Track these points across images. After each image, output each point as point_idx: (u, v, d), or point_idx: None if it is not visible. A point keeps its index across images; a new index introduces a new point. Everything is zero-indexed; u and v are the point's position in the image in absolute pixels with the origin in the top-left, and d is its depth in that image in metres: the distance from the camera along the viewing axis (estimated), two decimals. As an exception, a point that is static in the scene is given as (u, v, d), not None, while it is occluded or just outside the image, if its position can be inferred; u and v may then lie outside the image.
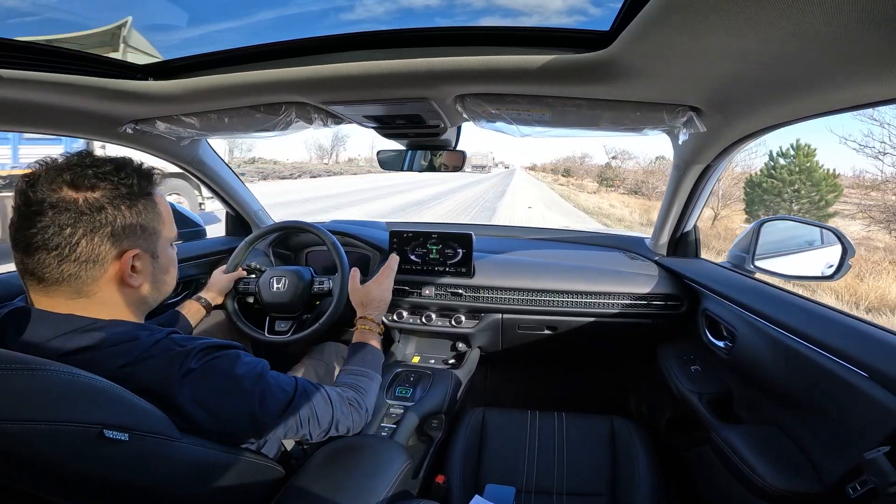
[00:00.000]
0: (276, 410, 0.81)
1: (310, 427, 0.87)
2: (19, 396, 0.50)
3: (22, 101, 1.02)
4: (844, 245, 1.17)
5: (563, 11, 41.19)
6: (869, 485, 0.78)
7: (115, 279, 0.72)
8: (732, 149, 1.17)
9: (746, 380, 1.24)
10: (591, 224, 14.71)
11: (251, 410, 0.77)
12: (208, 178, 1.76)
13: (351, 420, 0.97)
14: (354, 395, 1.01)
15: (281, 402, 0.82)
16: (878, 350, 0.84)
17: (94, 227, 0.67)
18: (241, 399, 0.76)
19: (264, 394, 0.79)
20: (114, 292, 0.72)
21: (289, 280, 1.54)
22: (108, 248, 0.69)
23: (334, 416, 0.92)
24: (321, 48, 0.86)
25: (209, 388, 0.72)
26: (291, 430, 0.85)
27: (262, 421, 0.79)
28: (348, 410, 0.97)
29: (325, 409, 0.91)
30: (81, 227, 0.66)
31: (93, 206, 0.67)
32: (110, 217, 0.69)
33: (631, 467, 1.28)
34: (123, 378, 0.63)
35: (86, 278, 0.69)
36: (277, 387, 0.83)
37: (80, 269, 0.68)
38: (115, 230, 0.69)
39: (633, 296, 1.58)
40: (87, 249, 0.67)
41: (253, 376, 0.79)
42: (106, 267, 0.70)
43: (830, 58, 0.62)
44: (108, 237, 0.69)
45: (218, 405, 0.73)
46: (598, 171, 46.67)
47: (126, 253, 0.71)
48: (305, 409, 0.86)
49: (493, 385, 2.17)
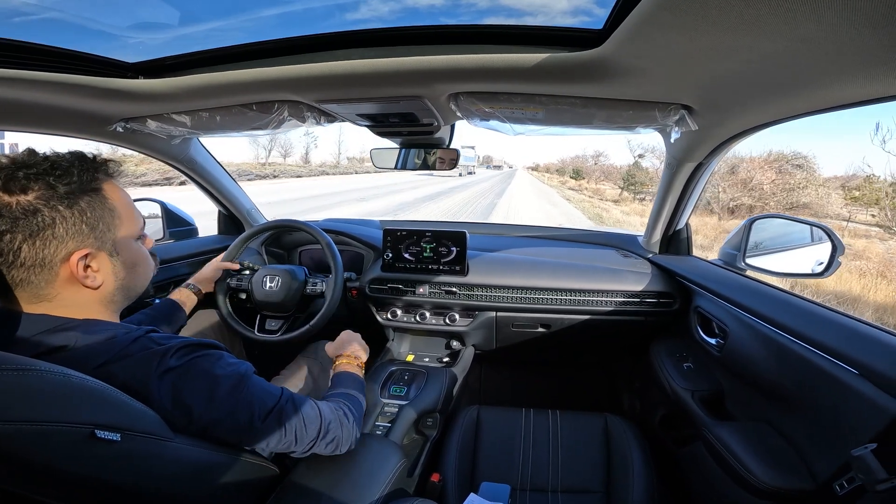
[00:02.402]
0: (260, 415, 0.77)
1: (296, 435, 0.82)
2: (9, 397, 0.49)
3: (9, 99, 1.00)
4: (834, 242, 1.18)
5: (567, 12, 40.92)
6: (856, 482, 0.79)
7: (70, 281, 0.69)
8: (724, 147, 1.18)
9: (738, 377, 1.25)
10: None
11: (231, 413, 0.73)
12: (200, 177, 1.75)
13: (341, 432, 0.91)
14: (346, 411, 0.96)
15: (265, 406, 0.78)
16: (868, 347, 0.85)
17: (33, 231, 0.64)
18: (221, 401, 0.72)
19: (246, 397, 0.75)
20: (74, 293, 0.70)
21: (282, 279, 1.54)
22: (52, 251, 0.65)
23: (322, 426, 0.87)
24: (314, 46, 0.85)
25: (188, 387, 0.70)
26: (275, 439, 0.79)
27: (244, 426, 0.75)
28: (338, 423, 0.91)
29: (313, 418, 0.85)
30: (20, 233, 0.63)
31: (26, 209, 0.63)
32: (47, 219, 0.65)
33: (624, 464, 1.29)
34: (102, 377, 0.62)
35: (38, 282, 0.66)
36: (261, 391, 0.79)
37: (29, 274, 0.65)
38: (56, 232, 0.65)
39: (626, 293, 1.59)
40: (30, 254, 0.64)
41: (234, 378, 0.75)
42: (56, 270, 0.67)
43: (821, 56, 0.63)
44: (51, 240, 0.65)
45: (196, 406, 0.70)
46: (622, 173, 35.79)
47: (73, 255, 0.67)
48: (292, 417, 0.81)
49: (487, 383, 2.18)
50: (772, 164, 20.80)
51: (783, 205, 19.14)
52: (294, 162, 50.54)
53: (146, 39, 1.21)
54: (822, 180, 21.44)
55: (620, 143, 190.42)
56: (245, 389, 0.76)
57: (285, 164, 44.98)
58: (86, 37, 0.99)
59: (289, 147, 51.85)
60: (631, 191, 28.90)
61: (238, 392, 0.74)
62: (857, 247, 13.07)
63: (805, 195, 19.68)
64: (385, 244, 1.69)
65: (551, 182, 49.22)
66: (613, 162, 64.85)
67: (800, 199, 19.64)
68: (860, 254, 12.03)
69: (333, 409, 0.93)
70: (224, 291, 1.56)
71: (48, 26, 1.05)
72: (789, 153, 21.54)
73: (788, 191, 19.83)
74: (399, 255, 1.68)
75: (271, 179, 27.52)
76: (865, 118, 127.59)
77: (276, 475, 0.91)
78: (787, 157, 21.27)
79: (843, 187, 23.58)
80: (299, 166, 42.51)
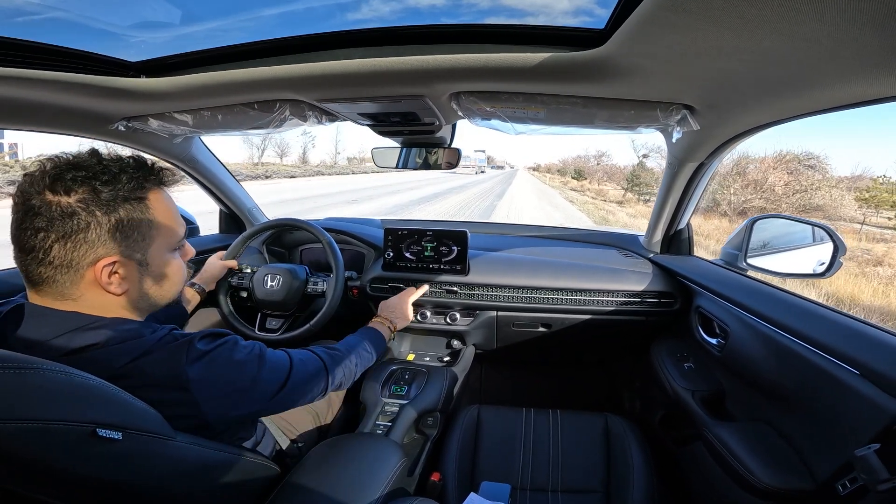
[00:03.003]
0: (280, 384, 0.85)
1: (308, 388, 0.94)
2: (10, 395, 0.49)
3: (12, 98, 1.00)
4: (836, 243, 1.18)
5: (569, 12, 40.64)
6: (859, 482, 0.79)
7: (94, 284, 0.69)
8: (726, 147, 1.18)
9: (739, 377, 1.25)
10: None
11: (258, 391, 0.80)
12: (201, 176, 1.75)
13: (343, 375, 1.06)
14: (345, 356, 1.09)
15: (283, 375, 0.87)
16: (869, 347, 0.85)
17: (66, 233, 0.65)
18: (246, 384, 0.78)
19: (267, 374, 0.83)
20: (98, 296, 0.70)
21: (283, 279, 1.54)
22: (81, 254, 0.66)
23: (328, 376, 1.00)
24: (316, 45, 0.85)
25: (216, 374, 0.74)
26: (295, 399, 0.90)
27: (269, 397, 0.83)
28: (339, 368, 1.05)
29: (316, 370, 0.98)
30: (53, 233, 0.64)
31: (65, 211, 0.65)
32: (83, 223, 0.66)
33: (625, 464, 1.29)
34: (129, 374, 0.64)
35: (64, 282, 0.67)
36: (277, 363, 0.87)
37: (55, 273, 0.66)
38: (88, 237, 0.66)
39: (627, 293, 1.59)
40: (60, 254, 0.65)
41: (253, 360, 0.81)
42: (82, 272, 0.68)
43: (824, 56, 0.62)
44: (82, 243, 0.66)
45: (224, 390, 0.75)
46: (626, 174, 35.47)
47: (100, 261, 0.68)
48: (303, 376, 0.92)
49: (488, 382, 2.18)
50: (787, 164, 20.61)
51: (796, 207, 18.97)
52: (291, 162, 50.05)
53: (148, 38, 1.22)
54: (835, 181, 21.28)
55: (623, 144, 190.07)
56: (266, 367, 0.83)
57: (281, 164, 44.25)
58: (88, 36, 1.00)
59: (285, 147, 51.62)
60: (635, 192, 28.23)
61: (258, 372, 0.81)
62: (876, 252, 12.81)
63: (818, 197, 19.53)
64: (386, 243, 1.69)
65: (553, 183, 47.97)
66: (616, 162, 64.53)
67: (812, 200, 19.48)
68: (881, 259, 11.83)
69: (335, 356, 1.06)
70: (225, 290, 1.56)
71: (50, 25, 1.05)
72: (801, 153, 21.33)
73: (801, 192, 19.67)
74: (400, 254, 1.68)
75: (263, 180, 26.67)
76: (868, 118, 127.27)
77: (277, 474, 0.91)
78: (798, 158, 21.09)
79: (852, 188, 23.47)
80: (295, 166, 41.88)
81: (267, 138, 41.11)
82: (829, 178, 21.07)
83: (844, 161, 67.68)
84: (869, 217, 20.89)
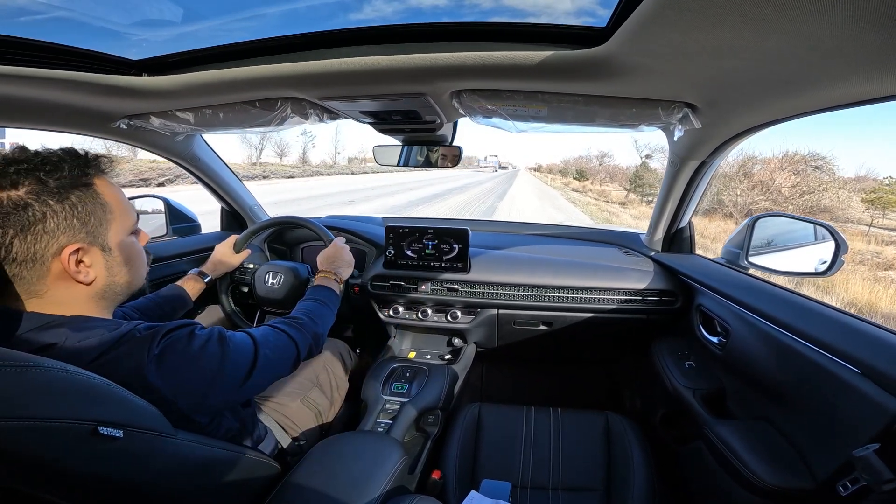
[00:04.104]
0: (247, 369, 0.82)
1: (277, 369, 0.92)
2: (11, 394, 0.49)
3: (13, 96, 1.01)
4: (837, 241, 1.18)
5: (571, 13, 40.47)
6: (860, 482, 0.79)
7: (62, 277, 0.69)
8: (728, 145, 1.18)
9: (740, 375, 1.25)
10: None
11: (223, 378, 0.77)
12: (203, 174, 1.76)
13: (312, 341, 1.03)
14: (307, 321, 1.06)
15: (248, 360, 0.83)
16: (870, 346, 0.85)
17: (23, 226, 0.65)
18: (210, 373, 0.75)
19: (230, 360, 0.79)
20: (66, 290, 0.70)
21: (284, 277, 1.54)
22: (43, 245, 0.66)
23: (298, 349, 0.97)
24: (317, 43, 0.85)
25: (177, 367, 0.71)
26: (266, 382, 0.88)
27: (237, 384, 0.80)
28: (301, 336, 1.00)
29: (285, 345, 0.95)
30: (10, 228, 0.64)
31: (17, 204, 0.64)
32: (38, 214, 0.65)
33: (625, 462, 1.29)
34: (96, 373, 0.62)
35: (30, 278, 0.67)
36: (240, 346, 0.83)
37: (20, 269, 0.66)
38: (46, 227, 0.66)
39: (628, 291, 1.59)
40: (21, 249, 0.65)
41: (213, 347, 0.77)
42: (47, 265, 0.67)
43: (826, 55, 0.62)
44: (42, 234, 0.66)
45: (190, 382, 0.73)
46: (628, 174, 35.84)
47: (64, 249, 0.68)
48: (271, 357, 0.88)
49: (488, 381, 2.18)
50: (794, 165, 20.49)
51: (803, 209, 18.88)
52: (290, 162, 49.76)
53: (150, 37, 1.22)
54: (842, 182, 21.14)
55: (625, 144, 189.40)
56: (229, 352, 0.79)
57: (279, 164, 43.83)
58: (90, 34, 1.00)
59: (285, 147, 51.49)
60: (638, 192, 27.98)
61: (225, 358, 0.78)
62: (887, 255, 12.73)
63: (826, 198, 19.41)
64: (387, 241, 1.69)
65: (554, 184, 47.73)
66: (618, 163, 63.93)
67: (820, 202, 19.37)
68: (892, 263, 11.73)
69: (295, 325, 1.02)
70: (227, 287, 1.56)
71: (53, 24, 1.06)
72: (807, 154, 21.18)
73: (808, 194, 19.56)
74: (401, 252, 1.68)
75: (260, 181, 26.10)
76: (872, 117, 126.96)
77: (278, 472, 0.92)
78: (805, 158, 20.97)
79: (857, 190, 23.33)
80: (294, 166, 41.53)
81: (265, 138, 40.92)
82: (837, 180, 20.95)
83: (848, 162, 67.37)
84: (877, 219, 20.80)
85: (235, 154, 48.83)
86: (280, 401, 1.27)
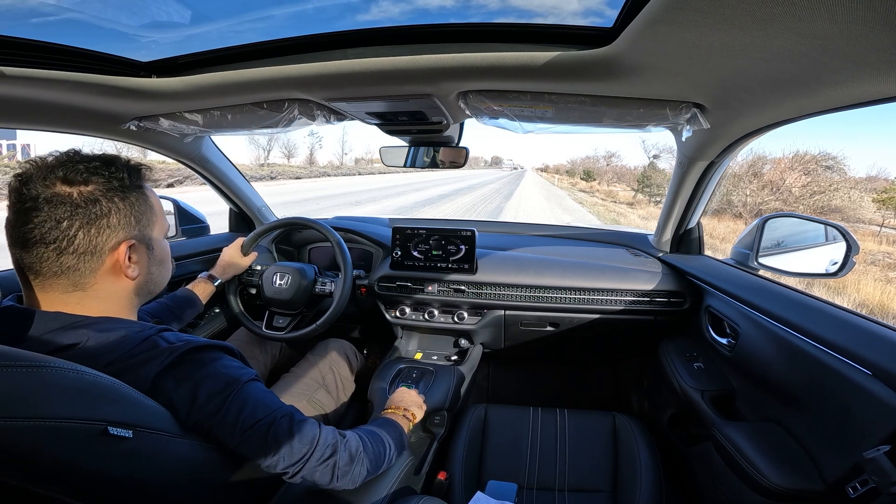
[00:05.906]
0: (247, 422, 0.73)
1: (284, 452, 0.76)
2: (23, 394, 0.50)
3: (25, 98, 1.02)
4: (849, 242, 1.16)
5: (578, 13, 40.08)
6: (870, 484, 0.78)
7: (111, 271, 0.73)
8: (736, 145, 1.17)
9: (749, 377, 1.23)
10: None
11: (218, 413, 0.71)
12: (211, 175, 1.77)
13: (340, 458, 0.83)
14: (357, 445, 0.87)
15: (255, 415, 0.74)
16: (882, 348, 0.84)
17: (91, 220, 0.69)
18: (209, 400, 0.70)
19: (237, 402, 0.72)
20: (110, 284, 0.73)
21: (292, 278, 1.55)
22: (104, 239, 0.70)
23: (317, 444, 0.80)
24: (325, 45, 0.86)
25: (187, 385, 0.69)
26: (262, 451, 0.74)
27: (229, 429, 0.72)
28: (343, 450, 0.84)
29: (309, 437, 0.80)
30: (78, 220, 0.68)
31: (87, 199, 0.69)
32: (105, 209, 0.70)
33: (632, 464, 1.28)
34: (111, 375, 0.62)
35: (84, 270, 0.70)
36: (256, 400, 0.75)
37: (78, 260, 0.69)
38: (110, 221, 0.71)
39: (635, 292, 1.58)
40: (84, 241, 0.69)
41: (228, 379, 0.73)
42: (103, 258, 0.71)
43: (835, 55, 0.62)
44: (105, 228, 0.70)
45: (190, 402, 0.69)
46: (636, 174, 34.68)
47: (122, 243, 0.72)
48: (284, 432, 0.76)
49: (495, 382, 2.18)
50: (804, 165, 20.30)
51: (814, 209, 18.70)
52: (298, 163, 49.92)
53: (159, 38, 1.23)
54: (853, 182, 20.92)
55: (632, 144, 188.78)
56: (237, 393, 0.73)
57: (287, 165, 43.92)
58: (100, 36, 1.01)
59: (292, 148, 51.88)
60: (646, 193, 27.41)
61: (229, 394, 0.72)
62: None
63: (837, 198, 19.24)
64: (394, 242, 1.70)
65: (561, 184, 46.64)
66: (626, 163, 63.62)
67: (831, 202, 19.19)
68: None
69: (343, 437, 0.87)
70: (236, 289, 1.57)
71: (63, 26, 1.07)
72: (818, 153, 21.00)
73: (819, 194, 19.37)
74: (408, 253, 1.68)
75: (268, 181, 25.96)
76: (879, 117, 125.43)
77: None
78: (816, 158, 20.78)
79: (868, 190, 23.06)
80: (301, 167, 41.60)
81: (273, 139, 41.32)
82: (848, 180, 20.73)
83: (859, 162, 66.60)
84: (888, 220, 20.56)
85: (243, 155, 49.26)
86: (286, 401, 1.27)
